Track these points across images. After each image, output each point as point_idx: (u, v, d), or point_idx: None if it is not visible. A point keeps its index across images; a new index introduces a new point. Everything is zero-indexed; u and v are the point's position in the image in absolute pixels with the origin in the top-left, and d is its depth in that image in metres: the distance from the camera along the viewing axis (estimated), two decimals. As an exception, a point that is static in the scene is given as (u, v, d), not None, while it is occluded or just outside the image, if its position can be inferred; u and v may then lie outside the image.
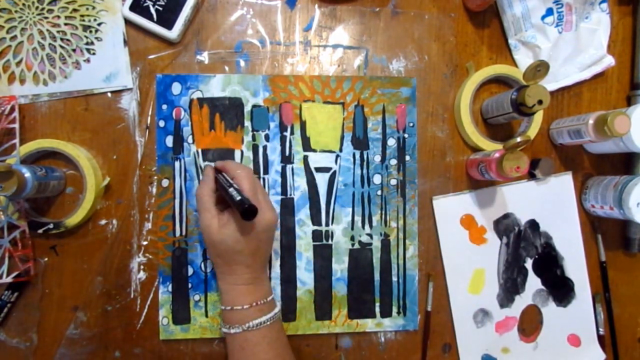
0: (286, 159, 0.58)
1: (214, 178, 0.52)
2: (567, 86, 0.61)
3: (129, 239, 0.57)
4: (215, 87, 0.57)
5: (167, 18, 0.55)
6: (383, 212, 0.60)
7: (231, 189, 0.47)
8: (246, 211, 0.44)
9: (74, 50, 0.56)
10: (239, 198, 0.45)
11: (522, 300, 0.62)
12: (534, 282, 0.62)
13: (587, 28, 0.60)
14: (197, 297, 0.57)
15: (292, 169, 0.58)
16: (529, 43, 0.60)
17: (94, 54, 0.56)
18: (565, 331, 0.63)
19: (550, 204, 0.62)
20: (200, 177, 0.57)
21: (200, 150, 0.57)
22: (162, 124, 0.57)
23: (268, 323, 0.49)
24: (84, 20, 0.56)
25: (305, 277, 0.58)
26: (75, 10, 0.56)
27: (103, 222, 0.57)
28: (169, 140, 0.57)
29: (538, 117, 0.60)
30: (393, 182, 0.60)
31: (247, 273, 0.50)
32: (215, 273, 0.51)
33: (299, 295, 0.58)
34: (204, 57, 0.58)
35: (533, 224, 0.62)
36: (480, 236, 0.61)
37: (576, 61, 0.60)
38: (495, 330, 0.61)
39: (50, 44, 0.56)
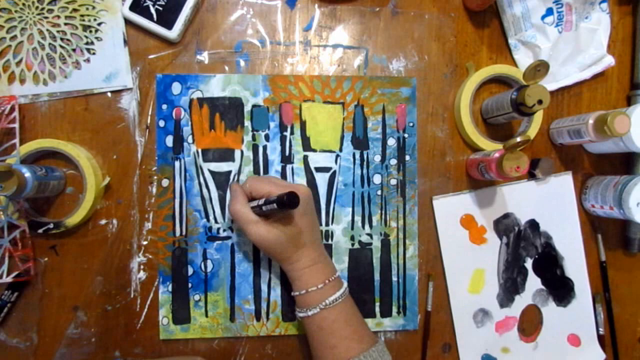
0: (286, 159, 0.58)
1: (243, 191, 0.52)
2: (567, 86, 0.61)
3: (129, 238, 0.57)
4: (215, 87, 0.57)
5: (167, 18, 0.55)
6: (383, 212, 0.60)
7: (260, 201, 0.49)
8: (289, 201, 0.45)
9: (74, 50, 0.56)
10: (273, 199, 0.46)
11: (522, 300, 0.62)
12: (534, 282, 0.62)
13: (587, 28, 0.60)
14: (197, 297, 0.57)
15: (292, 169, 0.58)
16: (529, 43, 0.60)
17: (94, 53, 0.56)
18: (565, 331, 0.63)
19: (550, 203, 0.62)
20: (200, 177, 0.57)
21: (200, 150, 0.57)
22: (162, 123, 0.57)
23: (342, 299, 0.50)
24: (84, 20, 0.56)
25: (305, 277, 0.58)
26: (75, 10, 0.56)
27: (103, 222, 0.57)
28: (169, 140, 0.57)
29: (538, 117, 0.60)
30: (393, 182, 0.60)
31: (312, 253, 0.51)
32: (283, 267, 0.52)
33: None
34: (204, 57, 0.58)
35: (533, 224, 0.62)
36: (480, 236, 0.61)
37: (576, 61, 0.60)
38: (495, 330, 0.61)
39: (50, 43, 0.56)
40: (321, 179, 0.59)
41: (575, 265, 0.62)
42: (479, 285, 0.61)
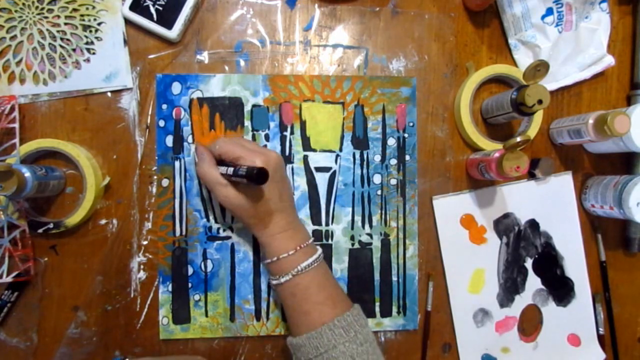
0: (286, 159, 0.58)
1: (210, 153, 0.52)
2: (567, 86, 0.61)
3: (129, 238, 0.57)
4: (215, 86, 0.57)
5: (167, 18, 0.55)
6: (383, 211, 0.60)
7: (229, 168, 0.48)
8: (258, 177, 0.45)
9: (74, 50, 0.56)
10: (242, 171, 0.46)
11: (522, 300, 0.62)
12: (534, 282, 0.62)
13: (587, 28, 0.60)
14: (197, 297, 0.57)
15: (292, 169, 0.58)
16: (529, 43, 0.60)
17: (94, 53, 0.56)
18: (565, 331, 0.63)
19: (550, 203, 0.62)
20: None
21: (200, 150, 0.57)
22: (162, 123, 0.57)
23: (315, 265, 0.50)
24: (83, 20, 0.56)
25: (305, 276, 0.58)
26: (75, 9, 0.56)
27: (103, 221, 0.57)
28: (169, 140, 0.57)
29: (538, 117, 0.60)
30: (393, 181, 0.60)
31: (282, 219, 0.51)
32: (253, 233, 0.52)
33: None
34: (204, 56, 0.58)
35: (533, 224, 0.62)
36: (480, 236, 0.61)
37: (576, 61, 0.60)
38: (495, 329, 0.61)
39: (50, 43, 0.56)
40: (321, 179, 0.59)
41: (575, 265, 0.62)
42: (479, 285, 0.61)
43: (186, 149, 0.57)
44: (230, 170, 0.48)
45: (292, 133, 0.58)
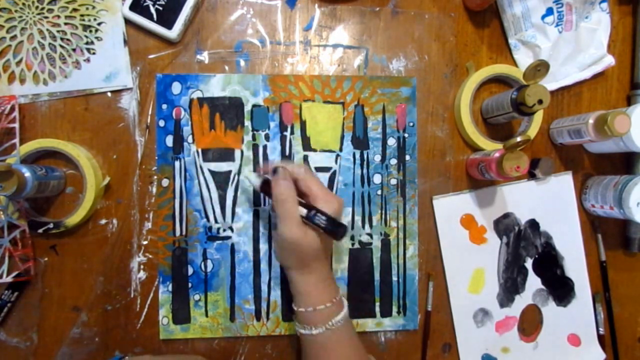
0: (286, 159, 0.58)
1: (292, 181, 0.48)
2: (567, 86, 0.61)
3: (129, 238, 0.57)
4: (215, 86, 0.57)
5: (167, 18, 0.55)
6: (383, 211, 0.60)
7: (313, 213, 0.46)
8: (340, 233, 0.44)
9: (74, 50, 0.56)
10: (322, 220, 0.45)
11: (522, 300, 0.62)
12: (534, 282, 0.62)
13: (587, 28, 0.60)
14: (197, 297, 0.57)
15: (292, 169, 0.58)
16: (529, 43, 0.60)
17: (94, 53, 0.56)
18: (565, 331, 0.63)
19: (550, 203, 0.62)
20: (200, 177, 0.57)
21: (200, 150, 0.57)
22: (162, 123, 0.57)
23: (344, 320, 0.49)
24: (84, 20, 0.56)
25: (305, 276, 0.58)
26: (75, 9, 0.56)
27: (103, 221, 0.57)
28: (169, 140, 0.57)
29: (538, 117, 0.60)
30: (393, 181, 0.60)
31: (324, 269, 0.49)
32: (294, 278, 0.49)
33: None
34: (204, 56, 0.58)
35: (533, 224, 0.62)
36: (480, 236, 0.61)
37: (576, 61, 0.60)
38: (495, 329, 0.61)
39: (50, 43, 0.56)
40: (321, 179, 0.59)
41: (575, 265, 0.62)
42: (479, 285, 0.61)
43: (186, 149, 0.57)
44: (307, 212, 0.46)
45: (292, 133, 0.58)
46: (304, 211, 0.47)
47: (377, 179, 0.59)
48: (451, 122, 0.61)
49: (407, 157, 0.60)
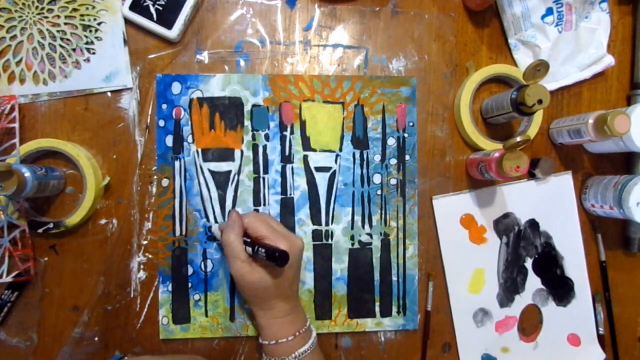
0: (286, 159, 0.58)
1: (241, 223, 0.51)
2: (567, 86, 0.61)
3: (129, 238, 0.57)
4: (216, 86, 0.57)
5: (167, 18, 0.55)
6: (383, 211, 0.60)
7: (257, 249, 0.48)
8: (280, 259, 0.45)
9: (74, 50, 0.56)
10: (265, 250, 0.46)
11: (522, 300, 0.62)
12: (534, 282, 0.62)
13: (587, 28, 0.60)
14: (197, 297, 0.57)
15: (292, 169, 0.58)
16: (529, 43, 0.60)
17: (94, 53, 0.56)
18: (565, 331, 0.63)
19: (551, 203, 0.62)
20: (201, 177, 0.57)
21: (200, 150, 0.57)
22: (162, 123, 0.57)
23: (310, 350, 0.50)
24: (84, 20, 0.56)
25: (305, 276, 0.58)
26: (75, 10, 0.56)
27: (103, 221, 0.57)
28: (169, 140, 0.57)
29: (538, 117, 0.60)
30: (393, 181, 0.60)
31: (286, 305, 0.50)
32: (254, 312, 0.51)
33: (299, 295, 0.58)
34: (204, 56, 0.58)
35: (533, 224, 0.62)
36: (480, 236, 0.61)
37: (576, 61, 0.60)
38: (496, 330, 0.61)
39: (50, 43, 0.56)
40: (321, 179, 0.59)
41: (575, 265, 0.62)
42: (479, 285, 0.61)
43: (186, 149, 0.57)
44: (255, 247, 0.48)
45: (292, 133, 0.59)
46: (249, 250, 0.49)
47: (377, 179, 0.59)
48: (451, 122, 0.61)
49: (407, 157, 0.60)
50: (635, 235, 0.62)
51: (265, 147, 0.58)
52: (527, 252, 0.62)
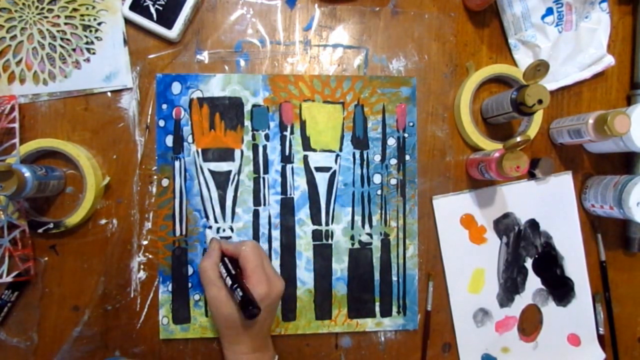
0: (286, 159, 0.58)
1: (219, 252, 0.52)
2: (567, 86, 0.61)
3: (129, 238, 0.57)
4: (215, 86, 0.57)
5: (167, 17, 0.55)
6: (383, 211, 0.60)
7: (235, 287, 0.48)
8: (249, 313, 0.45)
9: (74, 50, 0.56)
10: (240, 299, 0.46)
11: (522, 300, 0.62)
12: (533, 282, 0.62)
13: (587, 27, 0.60)
14: (197, 297, 0.57)
15: (292, 169, 0.58)
16: (529, 42, 0.60)
17: (94, 53, 0.56)
18: (565, 331, 0.63)
19: (550, 203, 0.62)
20: (200, 176, 0.57)
21: (200, 150, 0.57)
22: (162, 123, 0.57)
23: None
24: (83, 20, 0.56)
25: (305, 276, 0.59)
26: (75, 9, 0.56)
27: (103, 221, 0.57)
28: (169, 140, 0.57)
29: (538, 117, 0.60)
30: (393, 181, 0.60)
31: (254, 341, 0.50)
32: (222, 343, 0.52)
33: (299, 295, 0.58)
34: (204, 56, 0.58)
35: (533, 224, 0.62)
36: (480, 236, 0.61)
37: (576, 61, 0.60)
38: (495, 329, 0.61)
39: (50, 43, 0.56)
40: (321, 179, 0.59)
41: (575, 265, 0.62)
42: (479, 285, 0.61)
43: (186, 149, 0.57)
44: (230, 282, 0.48)
45: (292, 133, 0.59)
46: (229, 282, 0.49)
47: (377, 178, 0.59)
48: (451, 122, 0.61)
49: (407, 157, 0.60)
50: (635, 235, 0.62)
51: (265, 147, 0.58)
52: (527, 252, 0.62)
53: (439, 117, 0.61)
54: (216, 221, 0.58)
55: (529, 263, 0.62)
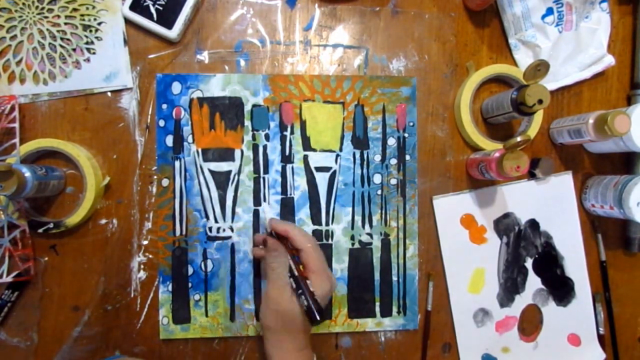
0: (286, 159, 0.58)
1: (287, 254, 0.50)
2: (567, 85, 0.61)
3: (129, 238, 0.57)
4: (216, 86, 0.57)
5: (167, 17, 0.55)
6: (383, 211, 0.60)
7: (300, 294, 0.48)
8: (315, 318, 0.46)
9: (74, 50, 0.56)
10: (306, 303, 0.47)
11: (522, 300, 0.62)
12: (534, 282, 0.62)
13: (587, 27, 0.60)
14: (197, 297, 0.57)
15: (292, 169, 0.58)
16: (529, 42, 0.60)
17: (94, 53, 0.56)
18: (565, 331, 0.63)
19: (551, 203, 0.62)
20: (200, 176, 0.57)
21: (200, 150, 0.57)
22: (162, 123, 0.57)
23: None
24: (84, 20, 0.56)
25: (305, 276, 0.58)
26: (75, 9, 0.56)
27: (103, 221, 0.57)
28: (169, 140, 0.57)
29: (538, 117, 0.60)
30: (393, 181, 0.60)
31: (304, 338, 0.50)
32: (267, 340, 0.50)
33: None
34: (204, 56, 0.58)
35: (533, 224, 0.62)
36: (480, 236, 0.61)
37: (576, 60, 0.60)
38: (496, 329, 0.61)
39: (50, 43, 0.56)
40: (321, 179, 0.59)
41: (575, 265, 0.62)
42: (479, 285, 0.61)
43: (186, 149, 0.57)
44: (295, 287, 0.48)
45: (292, 133, 0.58)
46: (293, 284, 0.49)
47: (377, 178, 0.59)
48: (451, 122, 0.61)
49: (407, 157, 0.60)
50: (635, 235, 0.62)
51: (265, 147, 0.58)
52: (527, 252, 0.62)
53: (439, 117, 0.61)
54: (216, 221, 0.58)
55: (529, 263, 0.62)
